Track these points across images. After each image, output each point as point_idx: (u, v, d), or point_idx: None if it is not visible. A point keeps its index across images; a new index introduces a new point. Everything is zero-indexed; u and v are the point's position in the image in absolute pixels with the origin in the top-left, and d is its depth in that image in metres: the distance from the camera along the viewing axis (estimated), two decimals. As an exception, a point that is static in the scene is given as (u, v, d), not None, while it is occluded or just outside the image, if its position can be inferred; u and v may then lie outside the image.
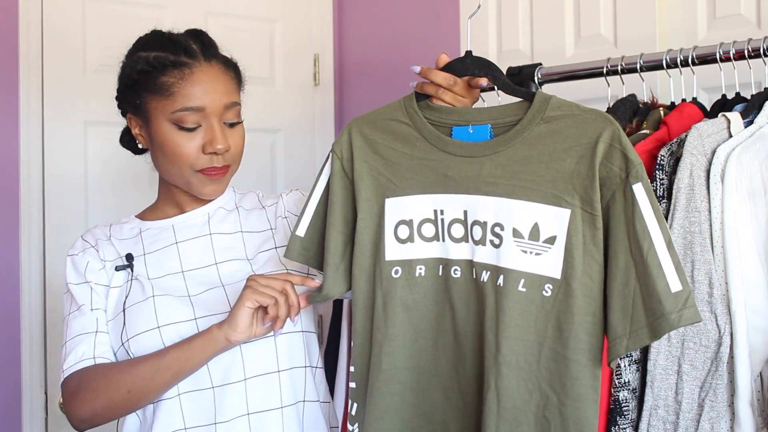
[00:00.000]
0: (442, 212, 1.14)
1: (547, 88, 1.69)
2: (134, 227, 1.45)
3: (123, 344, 1.32)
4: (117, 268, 1.37)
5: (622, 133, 1.05)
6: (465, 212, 1.12)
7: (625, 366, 1.27)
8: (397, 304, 1.16)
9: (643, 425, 1.25)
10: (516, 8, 2.18)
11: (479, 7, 1.27)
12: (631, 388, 1.27)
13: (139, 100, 1.35)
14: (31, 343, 2.19)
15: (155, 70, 1.32)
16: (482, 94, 1.79)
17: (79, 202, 2.28)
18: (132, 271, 1.37)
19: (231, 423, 1.29)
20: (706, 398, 1.21)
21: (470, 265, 1.12)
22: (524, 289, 1.06)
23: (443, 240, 1.14)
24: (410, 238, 1.16)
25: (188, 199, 1.43)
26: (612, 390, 1.27)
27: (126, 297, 1.35)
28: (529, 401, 1.08)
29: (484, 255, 1.11)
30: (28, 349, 2.19)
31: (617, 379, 1.27)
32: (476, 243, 1.12)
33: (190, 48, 1.34)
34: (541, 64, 1.68)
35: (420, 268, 1.15)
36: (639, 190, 1.01)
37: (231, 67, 1.39)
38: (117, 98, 1.41)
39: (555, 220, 1.04)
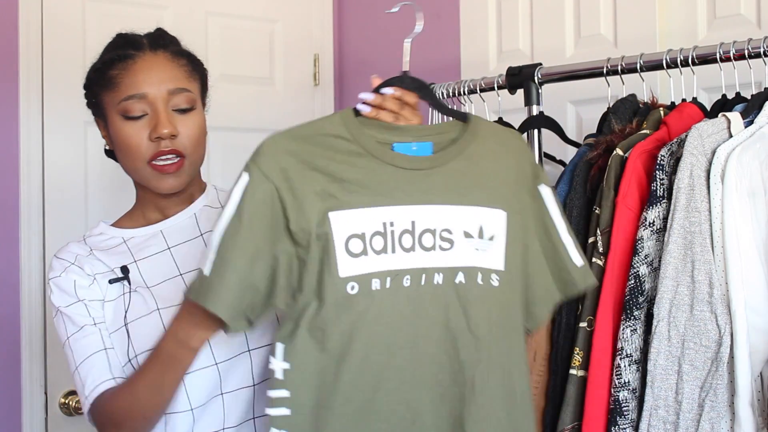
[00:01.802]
0: (392, 224, 1.15)
1: (547, 88, 1.69)
2: (113, 237, 1.40)
3: (130, 360, 1.30)
4: (111, 281, 1.34)
5: (526, 144, 1.31)
6: (413, 222, 1.15)
7: (625, 366, 1.27)
8: (355, 320, 1.12)
9: (643, 425, 1.25)
10: (516, 8, 2.18)
11: (417, 33, 1.32)
12: (631, 388, 1.27)
13: (95, 99, 1.36)
14: (31, 343, 2.19)
15: (104, 66, 1.33)
16: (481, 96, 1.80)
17: (79, 202, 2.28)
18: (129, 283, 1.34)
19: (238, 428, 1.29)
20: (706, 398, 1.21)
21: (421, 272, 1.15)
22: (481, 282, 1.17)
23: (393, 251, 1.15)
24: (364, 252, 1.13)
25: (167, 202, 1.40)
26: (612, 390, 1.27)
27: (126, 311, 1.32)
28: (498, 380, 1.18)
29: (435, 259, 1.16)
30: (28, 349, 2.19)
31: (617, 379, 1.27)
32: (426, 249, 1.15)
33: (137, 42, 1.34)
34: (541, 64, 1.68)
35: (375, 282, 1.13)
36: (545, 189, 1.24)
37: (183, 57, 1.37)
38: (87, 104, 1.41)
39: (495, 220, 1.19)
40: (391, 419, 1.14)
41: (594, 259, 1.33)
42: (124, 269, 1.35)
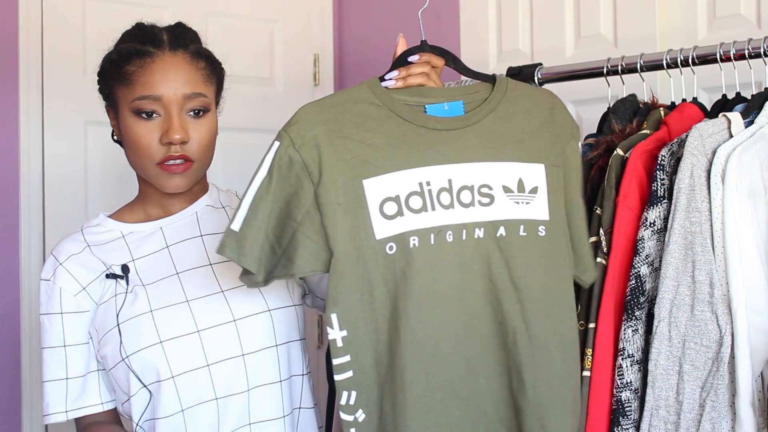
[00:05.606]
0: (428, 183, 1.19)
1: (547, 88, 1.69)
2: (111, 230, 1.39)
3: (123, 360, 1.29)
4: (108, 276, 1.33)
5: (562, 102, 1.32)
6: (449, 180, 1.19)
7: (627, 366, 1.27)
8: (398, 278, 1.17)
9: (644, 425, 1.25)
10: (516, 8, 2.18)
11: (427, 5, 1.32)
12: (633, 388, 1.27)
13: (108, 90, 1.35)
14: (31, 343, 2.19)
15: (121, 59, 1.32)
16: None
17: (79, 202, 2.28)
18: (127, 283, 1.32)
19: None
20: (707, 398, 1.21)
21: (462, 227, 1.19)
22: (525, 233, 1.21)
23: (433, 209, 1.19)
24: (399, 213, 1.17)
25: (171, 199, 1.39)
26: (614, 390, 1.27)
27: (118, 310, 1.31)
28: (548, 327, 1.21)
29: (475, 215, 1.20)
30: (28, 349, 2.19)
31: (619, 379, 1.27)
32: (465, 206, 1.19)
33: (157, 38, 1.32)
34: (541, 64, 1.68)
35: (413, 239, 1.18)
36: (578, 145, 1.30)
37: (202, 59, 1.35)
38: (99, 90, 1.40)
39: (534, 173, 1.23)
40: (450, 370, 1.19)
41: (598, 259, 1.33)
42: (125, 268, 1.34)
